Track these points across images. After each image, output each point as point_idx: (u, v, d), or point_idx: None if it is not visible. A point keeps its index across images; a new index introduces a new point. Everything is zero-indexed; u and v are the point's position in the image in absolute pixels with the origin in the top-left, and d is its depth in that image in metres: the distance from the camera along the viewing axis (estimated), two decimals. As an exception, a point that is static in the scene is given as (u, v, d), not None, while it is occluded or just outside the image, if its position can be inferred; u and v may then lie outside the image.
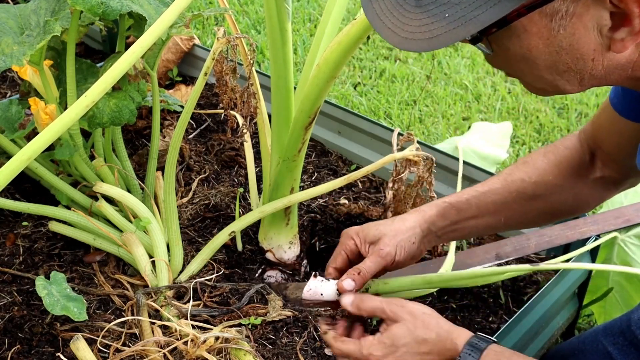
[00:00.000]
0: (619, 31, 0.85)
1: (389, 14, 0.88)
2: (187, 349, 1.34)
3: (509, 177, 1.33)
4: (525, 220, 1.40)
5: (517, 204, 1.32)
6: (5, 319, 1.51)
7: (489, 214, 1.33)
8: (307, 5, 3.67)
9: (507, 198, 1.32)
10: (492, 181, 1.34)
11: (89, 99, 1.06)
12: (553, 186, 1.31)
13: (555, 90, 0.96)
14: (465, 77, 3.07)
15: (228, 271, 1.67)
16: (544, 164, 1.33)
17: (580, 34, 0.86)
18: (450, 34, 0.83)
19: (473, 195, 1.33)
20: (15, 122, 1.68)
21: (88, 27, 1.80)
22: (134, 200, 1.61)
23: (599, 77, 0.92)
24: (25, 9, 1.59)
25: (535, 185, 1.31)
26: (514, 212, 1.33)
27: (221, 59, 1.59)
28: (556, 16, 0.84)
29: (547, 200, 1.32)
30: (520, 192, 1.31)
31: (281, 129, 1.57)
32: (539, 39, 0.87)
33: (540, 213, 1.36)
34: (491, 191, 1.32)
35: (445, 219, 1.32)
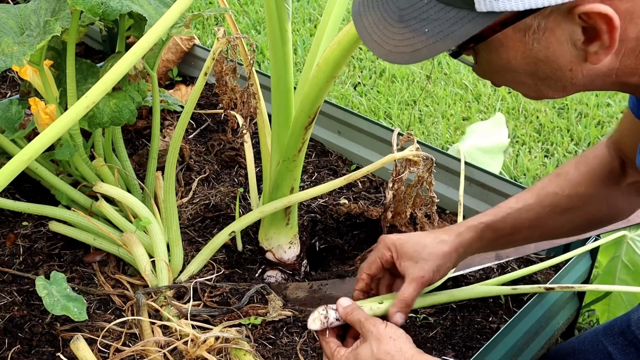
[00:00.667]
0: (592, 45, 0.87)
1: (375, 27, 0.92)
2: (187, 349, 1.34)
3: (542, 191, 1.33)
4: (561, 232, 1.40)
5: (551, 218, 1.32)
6: (6, 318, 1.51)
7: (524, 229, 1.33)
8: (307, 5, 3.67)
9: (541, 213, 1.31)
10: (525, 196, 1.34)
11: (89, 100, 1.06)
12: (586, 197, 1.31)
13: (540, 95, 0.98)
14: (465, 77, 3.07)
15: (228, 271, 1.67)
16: (575, 175, 1.32)
17: (554, 47, 0.88)
18: (430, 48, 0.86)
19: (508, 213, 1.32)
20: (16, 122, 1.68)
21: (88, 27, 1.80)
22: (134, 200, 1.61)
23: (581, 84, 0.95)
24: (26, 9, 1.59)
25: (568, 198, 1.31)
26: (549, 226, 1.33)
27: (221, 59, 1.59)
28: (529, 31, 0.87)
29: (582, 211, 1.32)
30: (554, 205, 1.31)
31: (281, 129, 1.57)
32: (515, 52, 0.90)
33: (576, 225, 1.36)
34: (525, 207, 1.32)
35: (482, 241, 1.33)
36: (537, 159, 2.58)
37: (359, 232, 1.84)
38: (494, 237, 1.32)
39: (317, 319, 1.23)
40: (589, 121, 2.77)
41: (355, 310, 1.20)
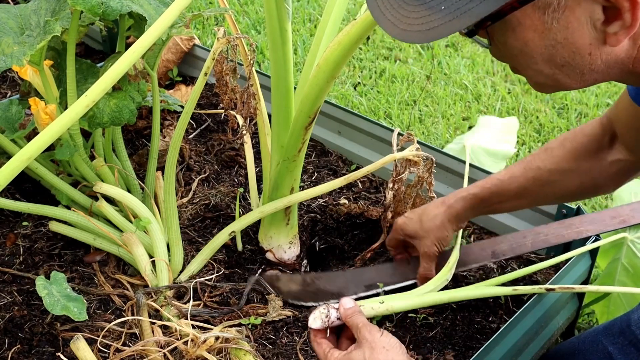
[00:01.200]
0: (612, 25, 0.86)
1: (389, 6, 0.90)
2: (187, 349, 1.34)
3: (528, 164, 1.43)
4: (546, 201, 1.55)
5: (535, 189, 1.42)
6: (6, 318, 1.51)
7: (512, 198, 1.45)
8: (307, 5, 3.67)
9: (525, 185, 1.42)
10: (513, 169, 1.45)
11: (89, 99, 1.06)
12: (568, 172, 1.38)
13: (557, 84, 0.97)
14: (465, 77, 3.07)
15: (228, 271, 1.67)
16: (559, 152, 1.40)
17: (573, 27, 0.87)
18: (446, 26, 0.85)
19: (496, 184, 1.44)
20: (16, 122, 1.68)
21: (88, 27, 1.80)
22: (134, 200, 1.61)
23: (599, 71, 0.93)
24: (26, 9, 1.59)
25: (549, 172, 1.40)
26: (534, 196, 1.45)
27: (221, 59, 1.59)
28: (548, 9, 0.85)
29: (563, 184, 1.40)
30: (537, 179, 1.41)
31: (281, 129, 1.57)
32: (533, 32, 0.88)
33: (559, 195, 1.46)
34: (512, 178, 1.43)
35: (473, 209, 1.47)
36: (537, 159, 2.57)
37: (359, 232, 1.84)
38: (483, 206, 1.46)
39: (318, 317, 1.23)
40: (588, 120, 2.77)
41: (355, 314, 1.21)
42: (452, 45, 3.34)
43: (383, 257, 1.72)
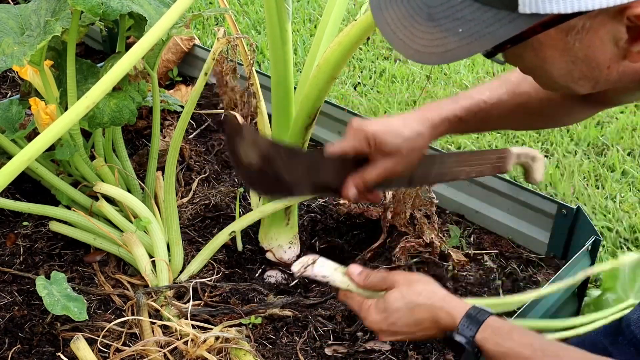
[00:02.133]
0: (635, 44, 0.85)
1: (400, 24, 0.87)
2: (187, 349, 1.34)
3: (516, 88, 1.31)
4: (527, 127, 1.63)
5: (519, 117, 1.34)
6: (6, 318, 1.51)
7: (493, 122, 1.35)
8: (307, 5, 3.67)
9: (511, 111, 1.31)
10: (499, 92, 1.31)
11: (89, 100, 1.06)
12: (555, 104, 1.31)
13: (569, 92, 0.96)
14: (465, 77, 3.07)
15: (228, 271, 1.67)
16: None
17: (595, 46, 0.85)
18: (464, 48, 0.82)
19: (482, 109, 1.30)
20: (16, 122, 1.68)
21: (88, 27, 1.80)
22: (134, 200, 1.61)
23: (612, 81, 0.92)
24: (26, 9, 1.59)
25: (540, 102, 1.30)
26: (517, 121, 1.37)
27: (221, 59, 1.59)
28: (572, 31, 0.84)
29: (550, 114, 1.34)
30: (525, 106, 1.31)
31: (281, 129, 1.57)
32: (554, 51, 0.87)
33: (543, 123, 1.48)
34: (499, 102, 1.31)
35: (454, 130, 1.32)
36: (537, 159, 2.57)
37: (359, 232, 1.84)
38: (464, 128, 1.33)
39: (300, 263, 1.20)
40: (588, 121, 2.77)
41: (372, 274, 1.17)
42: (452, 45, 3.34)
43: (382, 257, 1.72)
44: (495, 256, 1.77)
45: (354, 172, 1.23)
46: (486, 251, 1.78)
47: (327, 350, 1.47)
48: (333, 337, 1.51)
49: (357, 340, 1.50)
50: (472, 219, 1.89)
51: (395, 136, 1.21)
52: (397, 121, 1.24)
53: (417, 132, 1.23)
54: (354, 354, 1.47)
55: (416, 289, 1.11)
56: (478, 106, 1.30)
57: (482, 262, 1.74)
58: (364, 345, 1.48)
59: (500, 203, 1.83)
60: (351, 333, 1.52)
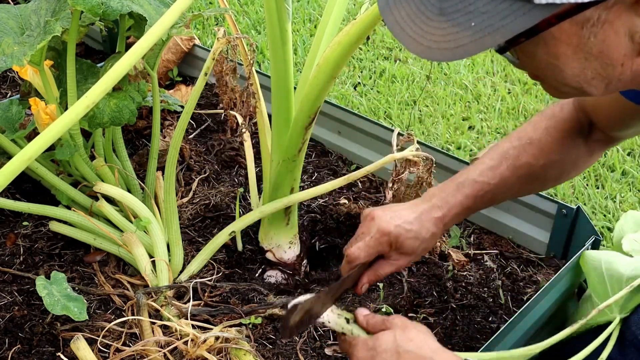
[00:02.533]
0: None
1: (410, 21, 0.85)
2: (187, 349, 1.34)
3: (517, 162, 1.33)
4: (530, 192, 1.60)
5: (526, 185, 1.38)
6: (6, 318, 1.51)
7: (499, 198, 1.39)
8: (307, 5, 3.67)
9: (517, 184, 1.35)
10: (502, 168, 1.34)
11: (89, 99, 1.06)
12: (559, 163, 1.34)
13: (580, 94, 0.93)
14: (465, 77, 3.07)
15: (228, 271, 1.67)
16: (549, 143, 1.33)
17: (610, 40, 0.84)
18: (477, 43, 0.80)
19: (487, 191, 1.33)
20: (16, 122, 1.68)
21: (88, 27, 1.80)
22: (134, 200, 1.61)
23: (625, 81, 0.90)
24: (26, 9, 1.59)
25: (544, 168, 1.33)
26: (521, 191, 1.43)
27: (221, 59, 1.59)
28: (587, 24, 0.82)
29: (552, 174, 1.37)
30: (529, 175, 1.34)
31: (281, 129, 1.57)
32: (567, 46, 0.85)
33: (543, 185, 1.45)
34: (503, 181, 1.33)
35: (461, 217, 1.35)
36: (537, 159, 2.57)
37: (359, 232, 1.84)
38: (473, 211, 1.37)
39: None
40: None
41: (375, 316, 1.18)
42: (452, 45, 3.34)
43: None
44: (495, 256, 1.77)
45: (368, 268, 1.30)
46: (486, 251, 1.78)
47: (327, 350, 1.47)
48: (333, 337, 1.51)
49: (357, 340, 1.50)
50: (472, 219, 1.89)
51: (415, 240, 1.28)
52: (415, 223, 1.29)
53: (432, 234, 1.30)
54: (354, 354, 1.46)
55: (409, 335, 1.10)
56: (483, 189, 1.33)
57: (482, 262, 1.74)
58: (364, 345, 1.48)
59: (500, 203, 1.83)
60: (351, 333, 1.51)
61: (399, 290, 1.61)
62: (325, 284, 1.69)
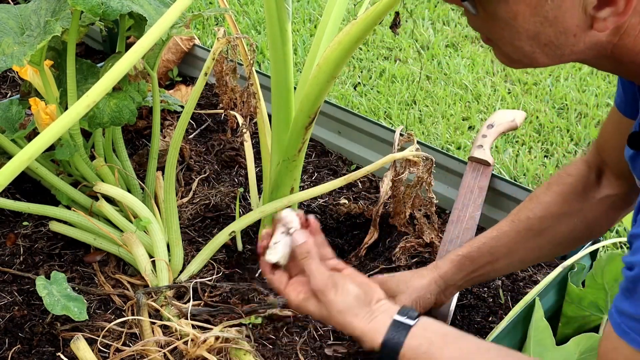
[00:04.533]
0: (603, 10, 0.86)
1: None
2: (187, 349, 1.34)
3: (515, 217, 1.36)
4: (540, 255, 1.42)
5: (527, 242, 1.34)
6: (6, 318, 1.51)
7: (502, 257, 1.35)
8: (307, 5, 3.67)
9: (516, 238, 1.34)
10: (501, 225, 1.37)
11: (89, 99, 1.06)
12: (558, 216, 1.32)
13: (531, 62, 0.96)
14: (465, 77, 3.07)
15: (228, 271, 1.67)
16: (547, 197, 1.34)
17: (566, 7, 0.87)
18: None
19: (484, 243, 1.36)
20: (16, 122, 1.68)
21: (88, 27, 1.80)
22: (134, 200, 1.61)
23: (578, 52, 0.93)
24: (26, 9, 1.59)
25: (540, 220, 1.33)
26: (526, 250, 1.35)
27: (221, 59, 1.59)
28: None
29: (556, 230, 1.33)
30: (528, 229, 1.33)
31: (281, 129, 1.57)
32: (526, 6, 0.88)
33: (553, 245, 1.37)
34: (500, 235, 1.35)
35: (461, 271, 1.36)
36: (537, 159, 2.58)
37: (359, 232, 1.84)
38: (473, 268, 1.36)
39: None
40: (588, 121, 2.77)
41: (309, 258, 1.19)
42: (452, 45, 3.34)
43: (382, 257, 1.72)
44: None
45: None
46: (486, 251, 1.78)
47: (327, 350, 1.47)
48: (333, 337, 1.51)
49: (357, 340, 1.50)
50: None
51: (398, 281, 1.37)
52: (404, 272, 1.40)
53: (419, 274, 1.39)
54: (353, 354, 1.47)
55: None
56: (480, 241, 1.36)
57: (482, 262, 1.74)
58: (364, 345, 1.48)
59: (501, 203, 1.83)
60: (351, 333, 1.51)
61: (399, 290, 1.61)
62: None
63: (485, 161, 1.83)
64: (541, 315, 1.38)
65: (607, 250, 2.00)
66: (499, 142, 2.64)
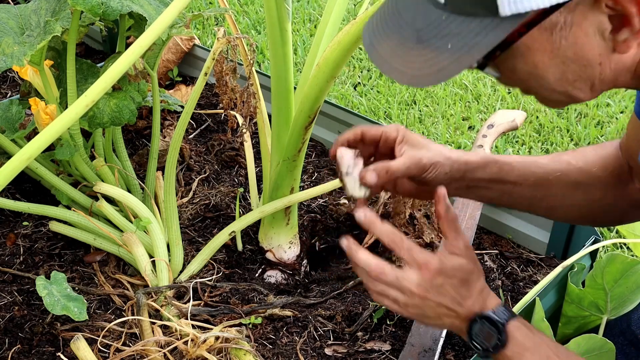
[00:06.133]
0: (621, 32, 0.85)
1: (393, 54, 0.89)
2: (187, 349, 1.34)
3: (557, 157, 1.30)
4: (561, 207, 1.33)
5: (557, 186, 1.28)
6: (6, 318, 1.51)
7: (528, 185, 1.28)
8: (307, 5, 3.67)
9: (549, 175, 1.27)
10: (540, 157, 1.30)
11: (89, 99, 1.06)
12: (596, 178, 1.28)
13: (570, 100, 0.95)
14: (465, 77, 3.07)
15: (228, 271, 1.67)
16: (592, 155, 1.30)
17: (582, 41, 0.86)
18: (456, 63, 0.83)
19: (518, 161, 1.27)
20: (16, 122, 1.68)
21: (88, 27, 1.80)
22: (134, 200, 1.61)
23: (608, 80, 0.92)
24: (26, 9, 1.59)
25: (579, 171, 1.28)
26: (552, 192, 1.29)
27: (221, 59, 1.59)
28: (555, 29, 0.85)
29: (588, 191, 1.28)
30: (564, 173, 1.28)
31: (281, 129, 1.57)
32: (543, 54, 0.87)
33: (576, 203, 1.31)
34: (537, 163, 1.28)
35: (484, 172, 1.25)
36: (537, 159, 2.57)
37: (359, 232, 1.84)
38: (497, 177, 1.26)
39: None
40: (588, 121, 2.77)
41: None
42: (452, 45, 3.34)
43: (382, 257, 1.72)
44: (495, 256, 1.77)
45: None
46: (486, 251, 1.78)
47: (327, 350, 1.47)
48: (333, 337, 1.51)
49: (357, 340, 1.50)
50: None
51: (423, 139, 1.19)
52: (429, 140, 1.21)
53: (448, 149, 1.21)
54: (354, 354, 1.47)
55: None
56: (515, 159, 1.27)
57: (482, 262, 1.74)
58: (364, 345, 1.48)
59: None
60: (351, 333, 1.52)
61: (399, 290, 1.61)
62: (325, 284, 1.69)
63: (486, 161, 1.82)
64: (542, 316, 1.38)
65: (607, 251, 2.00)
66: (499, 142, 2.64)
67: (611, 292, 1.46)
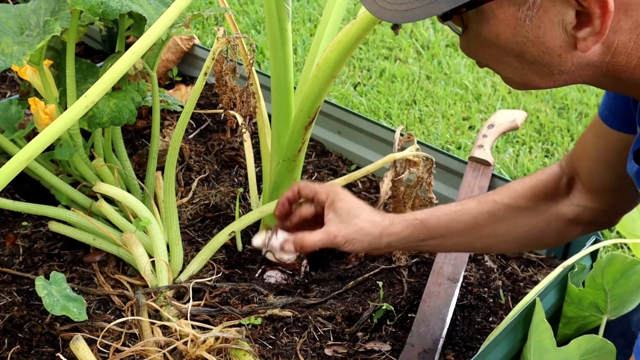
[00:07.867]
0: (582, 30, 0.87)
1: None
2: (187, 349, 1.34)
3: (483, 199, 1.32)
4: (490, 244, 1.36)
5: (485, 226, 1.30)
6: (5, 319, 1.51)
7: (457, 233, 1.30)
8: (307, 5, 3.67)
9: (477, 219, 1.29)
10: (467, 202, 1.33)
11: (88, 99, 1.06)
12: (524, 209, 1.29)
13: (526, 82, 0.97)
14: (465, 77, 3.07)
15: (228, 271, 1.67)
16: (518, 187, 1.32)
17: (546, 27, 0.87)
18: (424, 9, 0.87)
19: (445, 214, 1.30)
20: (15, 122, 1.68)
21: (88, 27, 1.80)
22: (134, 200, 1.61)
23: (569, 73, 0.93)
24: (25, 9, 1.59)
25: (506, 207, 1.30)
26: (481, 235, 1.31)
27: (221, 59, 1.59)
28: (523, 6, 0.86)
29: (516, 223, 1.30)
30: (492, 214, 1.30)
31: (281, 129, 1.57)
32: (506, 27, 0.89)
33: (506, 238, 1.33)
34: (463, 210, 1.30)
35: (412, 237, 1.29)
36: (537, 159, 2.58)
37: (359, 232, 1.84)
38: (426, 236, 1.30)
39: (260, 237, 1.32)
40: (588, 121, 2.77)
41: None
42: (452, 45, 3.34)
43: (382, 257, 1.72)
44: (496, 256, 1.76)
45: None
46: (486, 251, 1.78)
47: (327, 351, 1.47)
48: (333, 337, 1.51)
49: (357, 341, 1.50)
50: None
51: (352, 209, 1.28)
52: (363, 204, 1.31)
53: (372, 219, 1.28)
54: (353, 354, 1.46)
55: None
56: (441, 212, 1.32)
57: (482, 262, 1.73)
58: (364, 345, 1.48)
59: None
60: (351, 333, 1.51)
61: (399, 290, 1.61)
62: (325, 284, 1.68)
63: (486, 161, 1.83)
64: (542, 317, 1.37)
65: (608, 251, 2.00)
66: (500, 142, 2.64)
67: (611, 292, 1.46)
